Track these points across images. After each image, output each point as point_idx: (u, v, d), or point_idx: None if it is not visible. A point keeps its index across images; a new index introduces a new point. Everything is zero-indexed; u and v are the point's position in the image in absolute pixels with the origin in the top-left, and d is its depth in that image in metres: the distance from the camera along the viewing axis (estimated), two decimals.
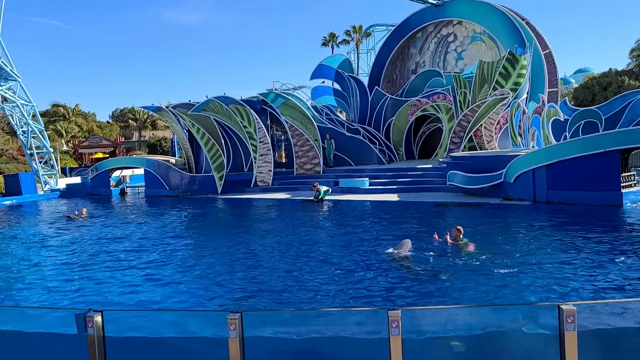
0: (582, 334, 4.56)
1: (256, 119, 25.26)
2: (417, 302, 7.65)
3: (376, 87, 29.48)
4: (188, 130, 27.32)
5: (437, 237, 11.43)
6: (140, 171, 30.62)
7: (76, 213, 19.47)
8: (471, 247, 10.79)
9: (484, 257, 10.03)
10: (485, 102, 23.91)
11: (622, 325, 5.13)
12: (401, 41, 30.77)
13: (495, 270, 9.15)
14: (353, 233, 13.58)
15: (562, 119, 26.87)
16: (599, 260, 9.49)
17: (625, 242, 11.09)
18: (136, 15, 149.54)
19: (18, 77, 29.66)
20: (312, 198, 20.86)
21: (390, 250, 10.73)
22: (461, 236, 11.19)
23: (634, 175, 17.42)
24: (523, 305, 6.49)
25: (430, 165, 23.96)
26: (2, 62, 28.26)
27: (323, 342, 5.10)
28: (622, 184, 16.17)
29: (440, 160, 24.09)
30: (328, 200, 20.65)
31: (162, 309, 7.52)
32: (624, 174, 16.50)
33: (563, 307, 4.54)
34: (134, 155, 48.42)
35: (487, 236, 11.99)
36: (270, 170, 25.55)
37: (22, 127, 31.04)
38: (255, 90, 28.25)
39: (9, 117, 30.97)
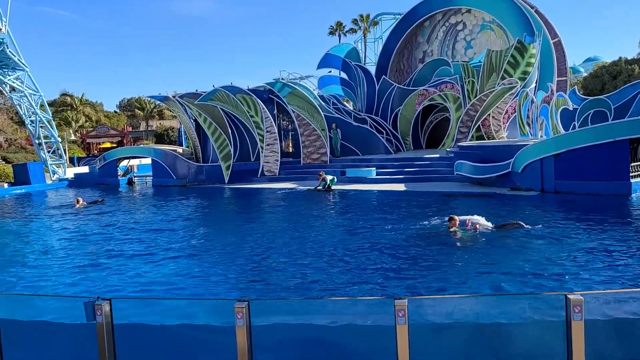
0: (590, 324, 4.55)
1: (263, 109, 25.23)
2: (424, 291, 7.66)
3: (383, 76, 29.33)
4: (195, 120, 27.35)
5: (469, 225, 11.48)
6: (147, 161, 30.73)
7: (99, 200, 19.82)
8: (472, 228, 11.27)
9: (490, 246, 10.03)
10: (494, 91, 23.74)
11: (630, 315, 5.11)
12: (409, 30, 30.55)
13: (501, 259, 9.14)
14: (361, 221, 13.58)
15: (571, 108, 26.65)
16: (607, 250, 9.45)
17: (634, 231, 11.02)
18: (143, 5, 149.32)
19: (26, 66, 29.74)
20: (319, 187, 20.85)
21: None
22: (457, 226, 11.34)
23: None
24: (530, 295, 6.48)
25: (438, 155, 23.87)
26: (10, 51, 28.32)
27: (330, 330, 5.12)
28: (631, 174, 16.05)
29: (448, 149, 24.00)
30: (334, 189, 20.65)
31: (170, 297, 7.57)
32: (633, 164, 16.37)
33: (570, 296, 4.53)
34: (142, 145, 48.58)
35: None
36: (277, 160, 25.56)
37: (30, 117, 31.18)
38: (262, 80, 28.23)
39: (17, 106, 31.11)
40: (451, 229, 11.31)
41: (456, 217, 11.49)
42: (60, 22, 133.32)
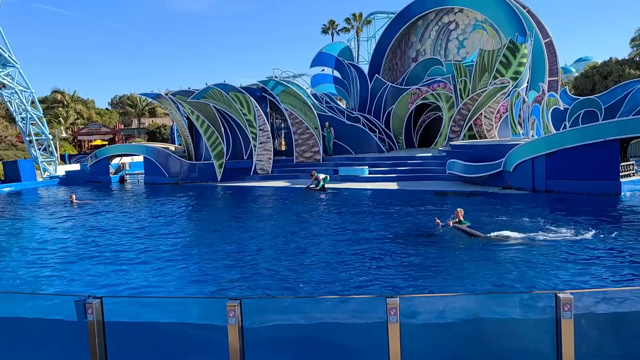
0: (579, 322, 4.59)
1: (256, 107, 25.19)
2: (417, 288, 7.69)
3: (376, 75, 29.37)
4: (188, 118, 27.25)
5: (439, 222, 11.61)
6: (139, 158, 30.59)
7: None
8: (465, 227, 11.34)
9: (482, 243, 10.09)
10: (486, 90, 23.83)
11: (620, 313, 5.16)
12: (402, 29, 30.59)
13: (492, 257, 9.19)
14: (353, 220, 13.60)
15: (562, 108, 26.84)
16: (597, 248, 9.53)
17: (624, 230, 11.11)
18: (137, 2, 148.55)
19: (16, 63, 29.50)
20: (312, 186, 20.85)
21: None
22: (461, 218, 11.54)
23: (632, 164, 17.43)
24: (520, 293, 6.52)
25: (430, 154, 23.95)
26: (0, 48, 28.08)
27: (322, 328, 5.13)
28: (621, 174, 16.18)
29: (440, 148, 24.09)
30: (327, 188, 20.67)
31: (162, 296, 7.56)
32: (623, 164, 16.50)
33: (560, 295, 4.56)
34: (134, 143, 48.36)
35: (486, 224, 12.01)
36: (270, 158, 25.54)
37: (20, 114, 30.94)
38: (255, 78, 28.13)
39: (8, 103, 30.85)
40: (456, 220, 11.55)
41: (462, 210, 11.74)
42: (52, 19, 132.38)
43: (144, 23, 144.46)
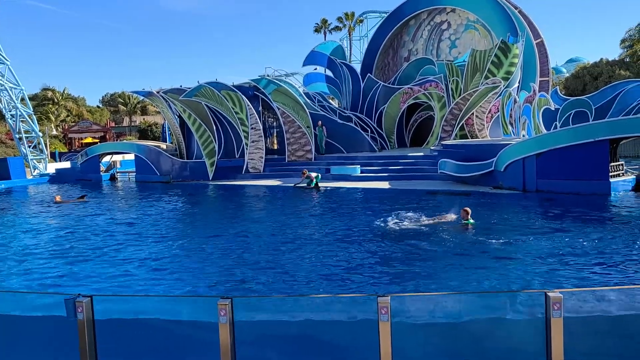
0: (568, 321, 4.62)
1: (248, 106, 25.13)
2: (408, 288, 7.72)
3: (368, 74, 29.39)
4: (179, 116, 27.15)
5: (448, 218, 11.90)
6: (130, 157, 30.43)
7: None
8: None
9: (475, 242, 10.14)
10: (477, 90, 23.93)
11: (608, 312, 5.20)
12: (394, 28, 30.63)
13: (483, 256, 9.24)
14: (345, 219, 13.62)
15: (553, 108, 26.99)
16: (586, 248, 9.60)
17: (613, 230, 11.21)
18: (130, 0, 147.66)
19: (6, 60, 29.26)
20: (302, 184, 20.85)
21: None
22: (469, 217, 11.75)
23: (622, 164, 17.56)
24: (510, 292, 6.56)
25: (422, 154, 24.02)
26: None
27: (313, 326, 5.14)
28: (610, 174, 16.31)
29: (432, 148, 24.16)
30: (319, 187, 20.67)
31: (153, 295, 7.53)
32: (612, 164, 16.63)
33: (550, 294, 4.59)
34: (125, 141, 48.08)
35: (477, 223, 12.07)
36: (262, 157, 25.50)
37: (10, 111, 30.69)
38: (247, 76, 28.10)
39: None
40: (464, 220, 11.82)
41: (469, 209, 12.00)
42: (43, 16, 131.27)
43: (137, 21, 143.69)
